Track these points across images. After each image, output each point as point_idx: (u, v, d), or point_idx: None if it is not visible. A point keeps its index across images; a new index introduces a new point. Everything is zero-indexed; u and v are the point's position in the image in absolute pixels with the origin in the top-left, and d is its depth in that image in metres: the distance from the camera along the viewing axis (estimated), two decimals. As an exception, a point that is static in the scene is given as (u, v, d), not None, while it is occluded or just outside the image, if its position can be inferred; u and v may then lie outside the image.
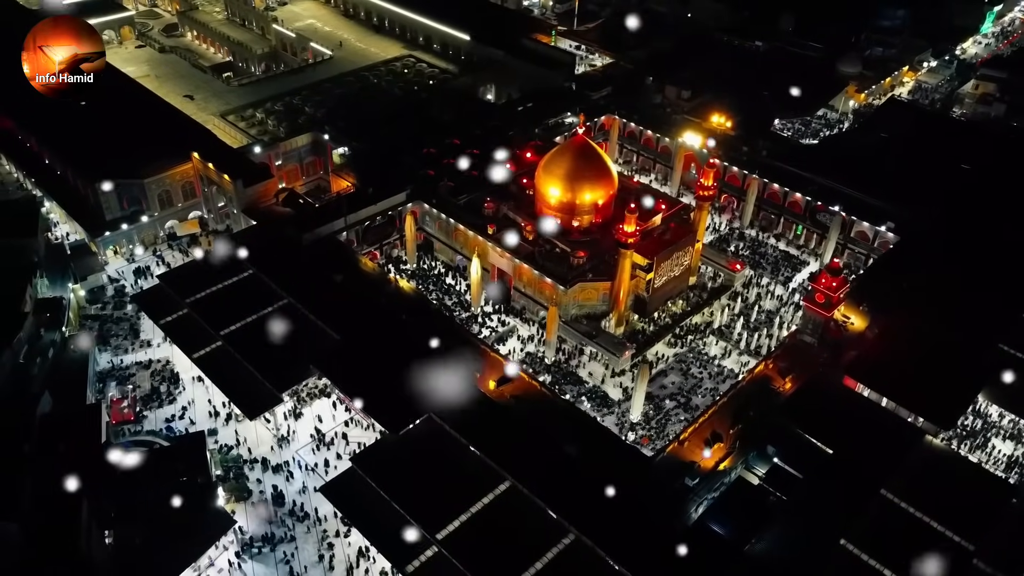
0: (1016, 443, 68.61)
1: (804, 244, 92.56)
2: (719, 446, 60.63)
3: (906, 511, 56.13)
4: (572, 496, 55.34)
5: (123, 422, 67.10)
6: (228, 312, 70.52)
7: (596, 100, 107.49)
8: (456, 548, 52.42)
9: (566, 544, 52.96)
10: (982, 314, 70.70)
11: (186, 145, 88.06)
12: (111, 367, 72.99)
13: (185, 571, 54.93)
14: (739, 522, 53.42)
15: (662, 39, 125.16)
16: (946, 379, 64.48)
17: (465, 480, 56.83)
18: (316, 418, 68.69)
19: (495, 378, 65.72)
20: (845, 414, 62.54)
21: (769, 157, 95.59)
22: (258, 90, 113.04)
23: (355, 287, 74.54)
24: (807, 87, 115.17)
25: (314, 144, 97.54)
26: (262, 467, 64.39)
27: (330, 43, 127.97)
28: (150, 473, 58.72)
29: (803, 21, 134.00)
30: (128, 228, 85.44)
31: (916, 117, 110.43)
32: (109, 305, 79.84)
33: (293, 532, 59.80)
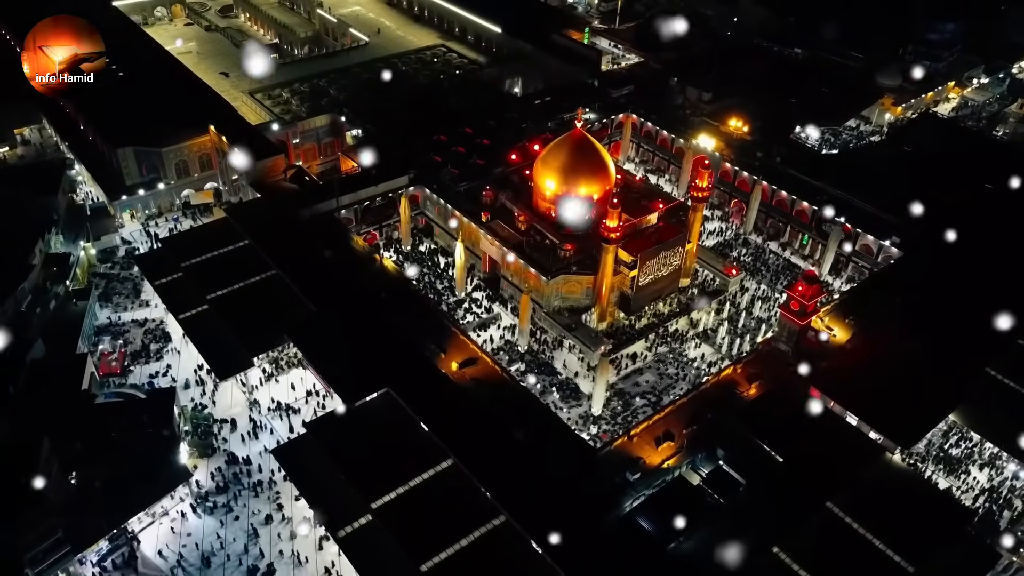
0: (992, 471, 66.09)
1: (809, 254, 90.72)
2: (668, 444, 60.36)
3: (850, 526, 54.93)
4: (510, 480, 56.02)
5: (109, 374, 70.65)
6: (218, 278, 73.45)
7: (616, 98, 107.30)
8: (388, 518, 53.80)
9: (495, 525, 53.68)
10: (973, 337, 68.24)
11: (207, 118, 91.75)
12: (109, 323, 76.85)
13: (139, 515, 57.90)
14: (668, 520, 53.12)
15: (697, 41, 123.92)
16: (916, 399, 62.68)
17: (410, 455, 58.01)
18: (290, 386, 71.02)
19: (459, 360, 66.69)
20: (804, 425, 61.32)
21: (783, 164, 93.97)
22: (290, 71, 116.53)
23: (343, 264, 76.53)
24: (839, 97, 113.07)
25: (332, 125, 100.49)
26: (231, 427, 66.98)
27: (369, 30, 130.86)
28: (119, 422, 62.05)
29: (848, 30, 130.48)
30: (145, 194, 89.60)
31: (948, 133, 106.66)
32: (118, 265, 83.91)
33: (247, 491, 62.11)
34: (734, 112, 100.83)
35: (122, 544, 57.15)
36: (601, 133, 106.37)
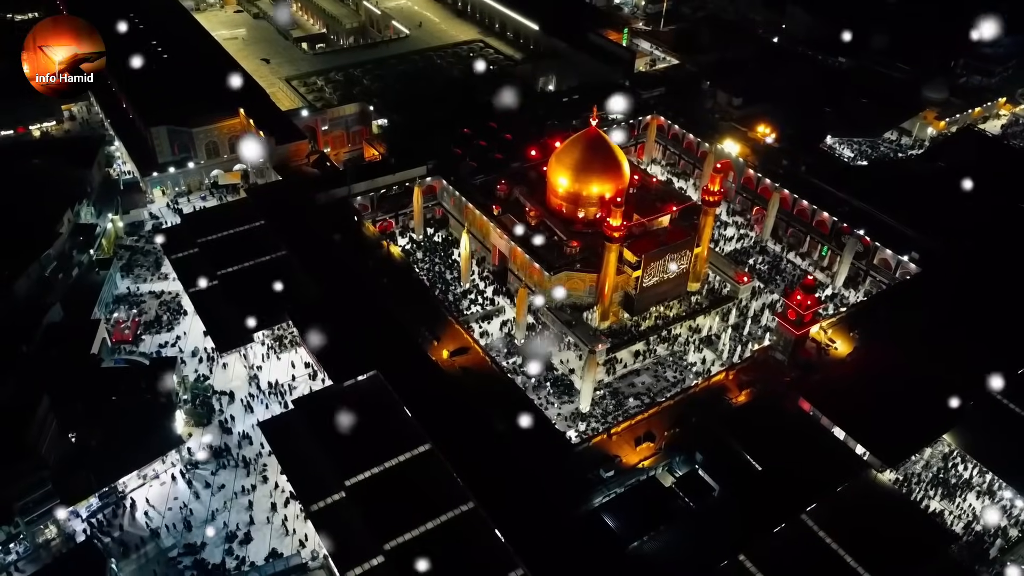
0: (985, 498, 63.88)
1: (828, 266, 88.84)
2: (648, 445, 60.10)
3: (822, 541, 53.93)
4: (484, 468, 56.63)
5: (122, 341, 73.71)
6: (230, 255, 75.84)
7: (647, 99, 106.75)
8: (359, 496, 54.99)
9: (463, 511, 54.35)
10: (978, 360, 66.03)
11: (238, 102, 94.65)
12: (128, 292, 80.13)
13: (131, 475, 60.38)
14: (634, 519, 53.05)
15: (737, 46, 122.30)
16: (909, 418, 60.99)
17: (391, 437, 59.08)
18: (291, 364, 72.97)
19: (450, 348, 67.57)
20: (790, 435, 60.46)
21: (807, 173, 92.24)
22: (329, 60, 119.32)
23: (350, 248, 78.17)
24: (877, 108, 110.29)
25: (361, 114, 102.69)
26: (229, 399, 69.19)
27: (411, 23, 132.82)
28: (120, 387, 64.77)
29: (898, 42, 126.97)
30: (175, 172, 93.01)
31: (988, 150, 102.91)
32: (143, 239, 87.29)
33: (237, 462, 64.12)
34: (763, 119, 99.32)
35: (112, 502, 59.70)
36: (628, 134, 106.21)
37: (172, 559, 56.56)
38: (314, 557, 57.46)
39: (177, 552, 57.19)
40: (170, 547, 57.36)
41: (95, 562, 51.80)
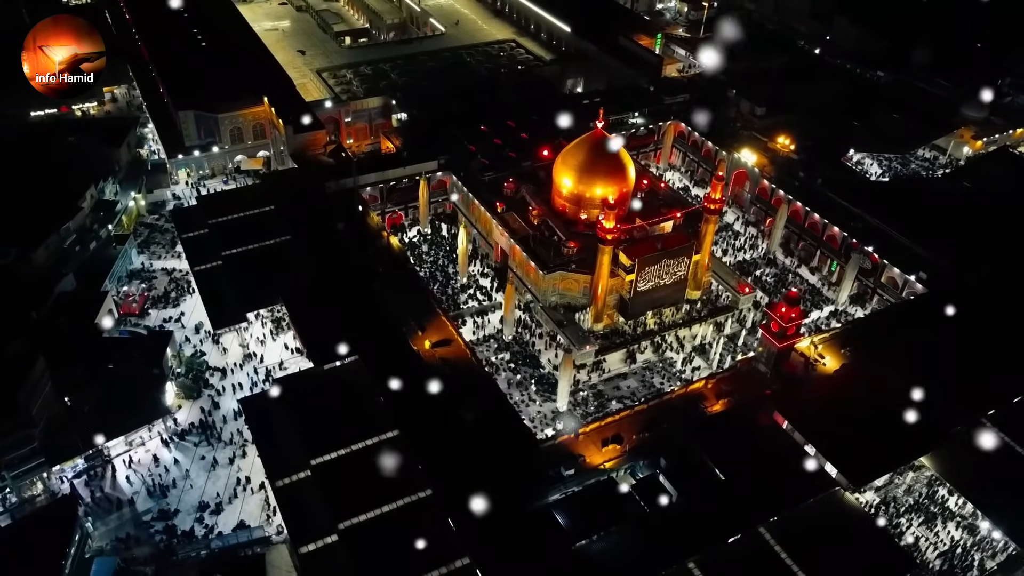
0: (963, 530, 61.97)
1: (836, 282, 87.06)
2: (614, 447, 60.22)
3: (778, 555, 53.34)
4: (446, 457, 57.66)
5: (129, 314, 76.98)
6: (236, 237, 78.41)
7: (669, 105, 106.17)
8: (321, 475, 56.56)
9: (420, 497, 55.47)
10: (972, 386, 64.22)
11: (264, 91, 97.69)
12: (141, 268, 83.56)
13: (117, 441, 63.21)
14: (585, 518, 53.31)
15: (771, 56, 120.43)
16: (885, 440, 59.67)
17: (362, 421, 60.55)
18: (284, 346, 75.18)
19: (433, 339, 68.73)
20: (760, 447, 59.84)
21: (822, 186, 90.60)
22: (362, 54, 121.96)
23: (352, 237, 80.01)
24: (909, 124, 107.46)
25: (384, 107, 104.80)
26: (221, 375, 71.71)
27: (448, 21, 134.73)
28: (117, 356, 67.77)
29: (942, 58, 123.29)
30: (200, 155, 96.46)
31: (1021, 172, 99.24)
32: (163, 218, 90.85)
33: (219, 435, 66.47)
34: (784, 129, 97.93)
35: (97, 464, 62.61)
36: (647, 139, 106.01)
37: (145, 523, 59.00)
38: (279, 532, 59.27)
39: (151, 516, 59.65)
40: (145, 511, 59.85)
41: (67, 518, 54.44)
